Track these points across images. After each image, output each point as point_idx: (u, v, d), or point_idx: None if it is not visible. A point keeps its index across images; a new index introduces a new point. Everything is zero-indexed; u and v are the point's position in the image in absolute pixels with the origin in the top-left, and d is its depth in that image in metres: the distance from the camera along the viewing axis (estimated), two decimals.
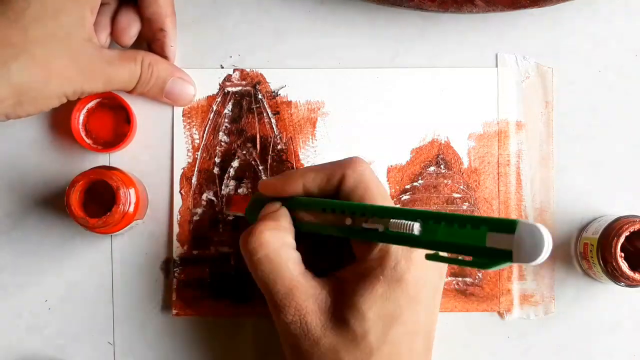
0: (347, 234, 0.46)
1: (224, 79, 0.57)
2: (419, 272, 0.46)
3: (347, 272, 0.47)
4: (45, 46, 0.47)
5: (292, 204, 0.49)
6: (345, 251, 0.50)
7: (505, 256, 0.37)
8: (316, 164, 0.51)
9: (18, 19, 0.47)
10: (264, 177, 0.56)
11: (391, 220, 0.43)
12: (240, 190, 0.56)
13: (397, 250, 0.45)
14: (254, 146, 0.56)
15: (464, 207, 0.56)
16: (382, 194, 0.48)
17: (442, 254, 0.40)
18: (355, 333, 0.45)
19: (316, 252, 0.50)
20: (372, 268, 0.46)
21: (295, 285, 0.46)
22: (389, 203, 0.48)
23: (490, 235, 0.38)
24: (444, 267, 0.48)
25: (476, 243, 0.38)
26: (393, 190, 0.56)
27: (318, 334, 0.45)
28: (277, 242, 0.47)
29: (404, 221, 0.42)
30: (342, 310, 0.46)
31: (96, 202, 0.52)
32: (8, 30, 0.46)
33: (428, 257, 0.40)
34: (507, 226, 0.37)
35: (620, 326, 0.56)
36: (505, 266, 0.39)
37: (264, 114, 0.56)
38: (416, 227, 0.41)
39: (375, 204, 0.47)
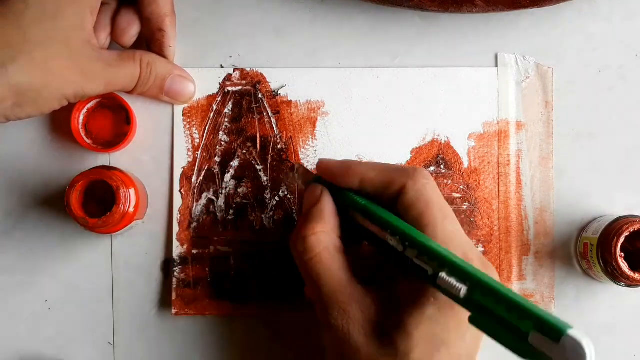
0: (396, 258, 0.45)
1: (224, 78, 0.57)
2: None
3: (398, 285, 0.46)
4: (44, 48, 0.47)
5: (349, 200, 0.48)
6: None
7: (544, 359, 0.36)
8: (379, 162, 0.49)
9: (17, 21, 0.46)
10: (320, 160, 0.51)
11: (440, 274, 0.41)
12: (240, 190, 0.56)
13: None
14: (254, 146, 0.56)
15: (464, 207, 0.56)
16: (443, 214, 0.45)
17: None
18: (397, 350, 0.43)
19: (369, 259, 0.49)
20: (424, 288, 0.44)
21: (340, 290, 0.45)
22: (451, 224, 0.45)
23: (534, 333, 0.37)
24: (493, 273, 0.46)
25: (518, 334, 0.38)
26: None
27: (359, 342, 0.44)
28: (321, 246, 0.46)
29: (452, 281, 0.41)
30: (387, 324, 0.44)
31: (96, 202, 0.52)
32: (6, 32, 0.46)
33: (471, 320, 0.40)
34: (554, 333, 0.36)
35: (620, 326, 0.56)
36: None
37: (264, 114, 0.56)
38: (462, 292, 0.40)
39: (434, 224, 0.45)
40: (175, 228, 0.56)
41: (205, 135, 0.56)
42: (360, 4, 0.56)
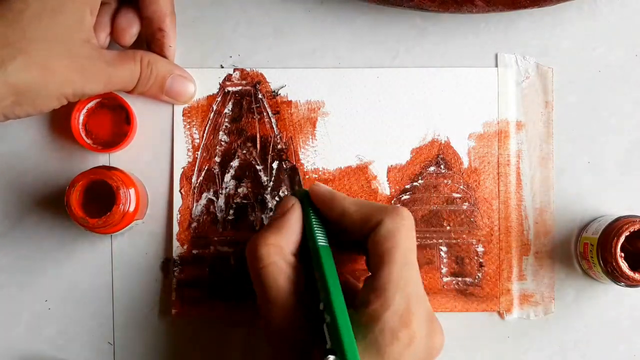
0: (320, 307, 0.44)
1: (224, 78, 0.57)
2: (400, 347, 0.43)
3: None
4: (44, 46, 0.47)
5: (311, 232, 0.48)
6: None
7: None
8: (362, 200, 0.48)
9: (16, 20, 0.46)
10: (317, 184, 0.51)
11: (329, 356, 0.41)
12: (240, 190, 0.56)
13: (386, 321, 0.43)
14: (254, 146, 0.56)
15: (464, 207, 0.56)
16: (405, 259, 0.44)
17: None
18: None
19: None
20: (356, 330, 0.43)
21: (279, 307, 0.45)
22: (409, 270, 0.45)
23: None
24: (437, 334, 0.45)
25: None
26: (393, 190, 0.56)
27: None
28: (270, 259, 0.45)
29: None
30: (315, 351, 0.44)
31: (96, 202, 0.52)
32: (6, 31, 0.46)
33: None
34: None
35: (620, 326, 0.56)
36: None
37: (264, 114, 0.56)
38: None
39: (392, 267, 0.44)
40: (175, 228, 0.56)
41: (205, 135, 0.56)
42: (360, 4, 0.56)
